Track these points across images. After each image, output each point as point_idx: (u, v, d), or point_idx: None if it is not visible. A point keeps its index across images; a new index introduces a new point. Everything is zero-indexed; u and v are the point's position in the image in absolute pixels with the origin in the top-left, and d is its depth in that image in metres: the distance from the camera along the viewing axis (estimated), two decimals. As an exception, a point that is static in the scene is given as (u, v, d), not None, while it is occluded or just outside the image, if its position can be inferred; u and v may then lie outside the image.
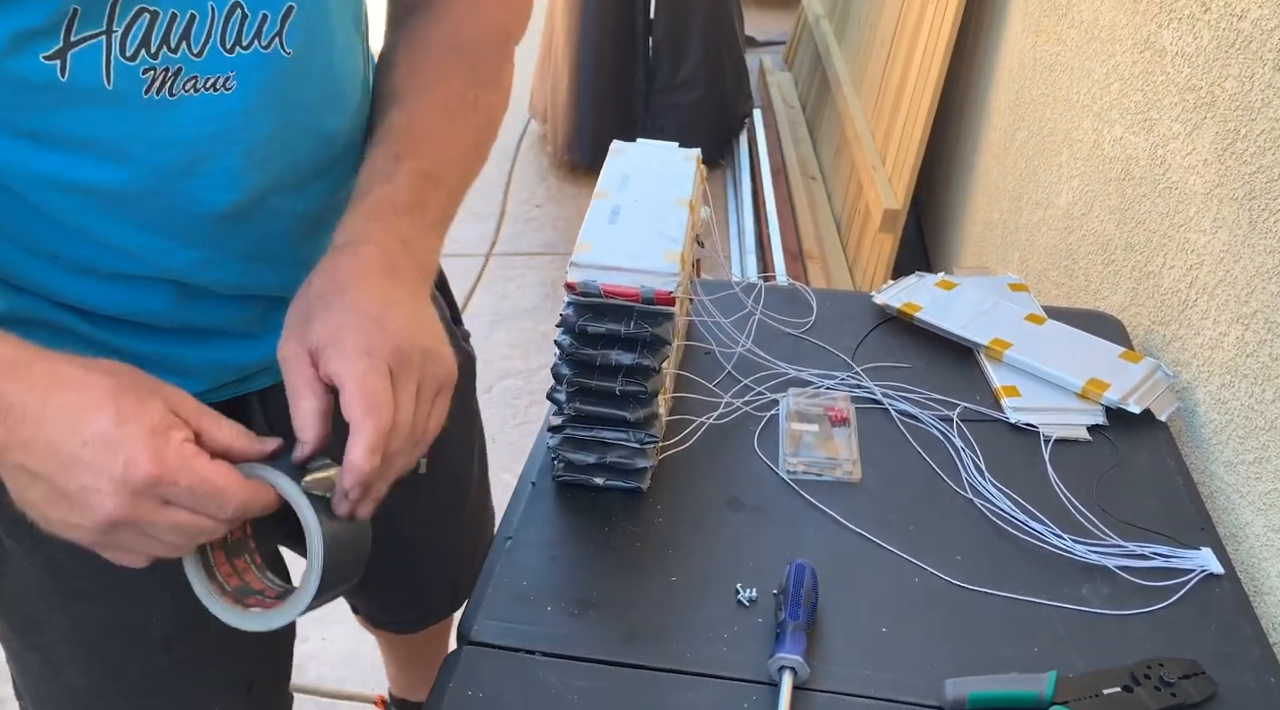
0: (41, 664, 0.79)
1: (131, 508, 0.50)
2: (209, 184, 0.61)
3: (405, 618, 1.06)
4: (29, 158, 0.56)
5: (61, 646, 0.77)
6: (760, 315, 1.03)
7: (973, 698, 0.66)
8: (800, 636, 0.69)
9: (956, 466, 0.87)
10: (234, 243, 0.65)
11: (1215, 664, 0.69)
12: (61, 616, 0.76)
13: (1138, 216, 1.14)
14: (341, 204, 0.69)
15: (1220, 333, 0.92)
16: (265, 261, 0.68)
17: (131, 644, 0.77)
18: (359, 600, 1.07)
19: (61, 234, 0.61)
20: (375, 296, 0.59)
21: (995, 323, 1.02)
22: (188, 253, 0.64)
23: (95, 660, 0.77)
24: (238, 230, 0.65)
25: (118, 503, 0.50)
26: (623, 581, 0.75)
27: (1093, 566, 0.77)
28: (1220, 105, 0.96)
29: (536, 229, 2.87)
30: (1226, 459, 0.89)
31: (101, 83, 0.55)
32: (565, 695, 0.67)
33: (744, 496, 0.83)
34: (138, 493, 0.50)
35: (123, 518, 0.50)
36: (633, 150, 0.92)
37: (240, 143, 0.61)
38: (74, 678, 0.78)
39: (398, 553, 0.96)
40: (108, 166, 0.58)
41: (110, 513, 0.50)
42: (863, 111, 2.50)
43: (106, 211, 0.60)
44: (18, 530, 0.72)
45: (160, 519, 0.51)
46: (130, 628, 0.77)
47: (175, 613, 0.76)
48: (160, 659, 0.78)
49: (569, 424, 0.81)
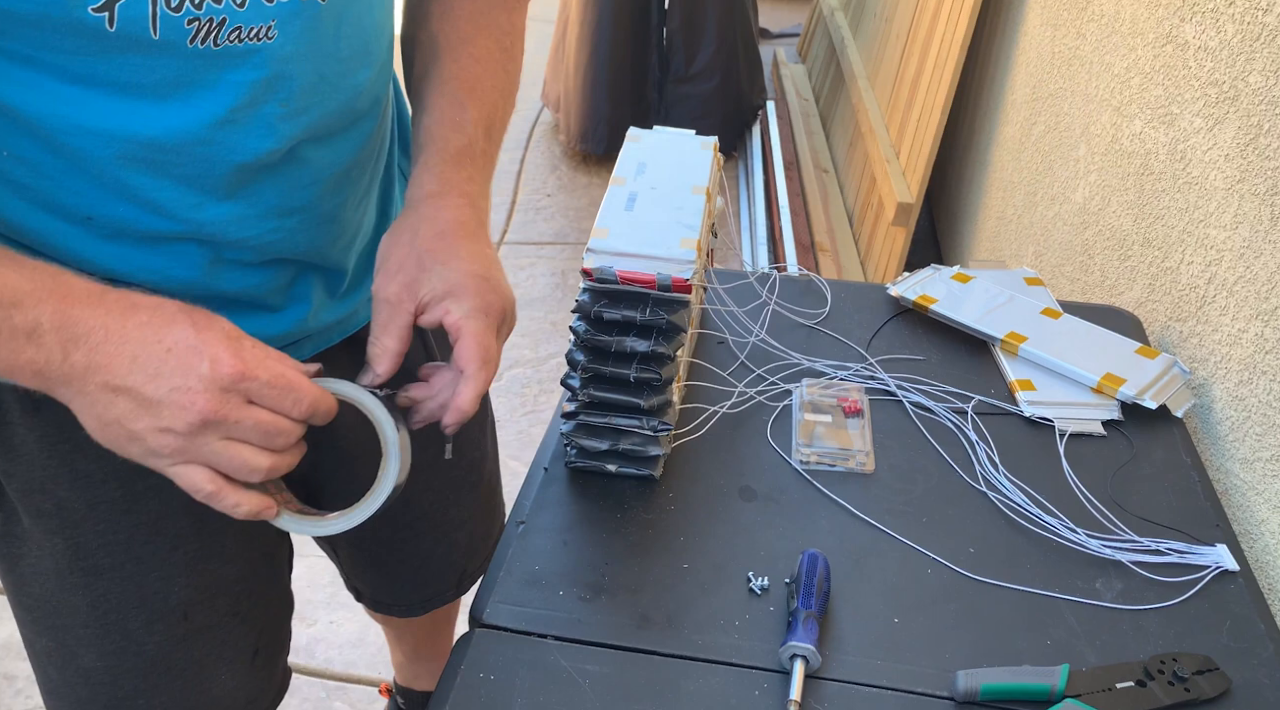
0: (58, 648, 0.79)
1: (220, 404, 0.54)
2: (248, 133, 0.62)
3: (410, 600, 1.06)
4: (77, 106, 0.57)
5: (77, 630, 0.78)
6: (774, 305, 1.03)
7: (984, 689, 0.66)
8: (812, 625, 0.69)
9: (970, 459, 0.86)
10: (265, 196, 0.66)
11: (1229, 660, 0.69)
12: (80, 597, 0.76)
13: (1156, 212, 1.13)
14: (365, 160, 0.72)
15: (1239, 329, 0.91)
16: (294, 217, 0.69)
17: (152, 617, 0.78)
18: (365, 584, 1.07)
19: (98, 192, 0.61)
20: (482, 255, 0.66)
21: (1011, 316, 1.01)
22: (221, 207, 0.65)
23: (112, 638, 0.78)
24: (269, 183, 0.66)
25: (208, 399, 0.53)
26: (635, 568, 0.75)
27: (1106, 561, 0.77)
28: (1243, 100, 0.95)
29: (547, 218, 2.87)
30: (1243, 456, 0.89)
31: (148, 33, 0.56)
32: (576, 679, 0.67)
33: (756, 486, 0.83)
34: (225, 389, 0.54)
35: (213, 414, 0.54)
36: (649, 137, 0.92)
37: (280, 92, 0.62)
38: (89, 661, 0.79)
39: (408, 528, 0.97)
40: (153, 115, 0.59)
41: (202, 409, 0.53)
42: (877, 104, 2.48)
43: (146, 163, 0.61)
44: (42, 506, 0.73)
45: (245, 417, 0.55)
46: (151, 600, 0.78)
47: (192, 580, 0.79)
48: (179, 628, 0.80)
49: (582, 410, 0.81)
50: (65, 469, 0.72)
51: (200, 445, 0.55)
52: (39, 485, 0.73)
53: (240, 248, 0.68)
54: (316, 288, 0.76)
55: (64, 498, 0.73)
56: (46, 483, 0.73)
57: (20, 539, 0.75)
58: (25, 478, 0.73)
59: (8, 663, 1.59)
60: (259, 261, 0.70)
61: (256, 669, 0.89)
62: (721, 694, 0.67)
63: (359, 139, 0.72)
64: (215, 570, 0.81)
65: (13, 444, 0.72)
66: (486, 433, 1.03)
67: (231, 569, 0.82)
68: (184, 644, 0.81)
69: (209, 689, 0.85)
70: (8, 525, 0.76)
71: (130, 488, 0.74)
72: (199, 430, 0.54)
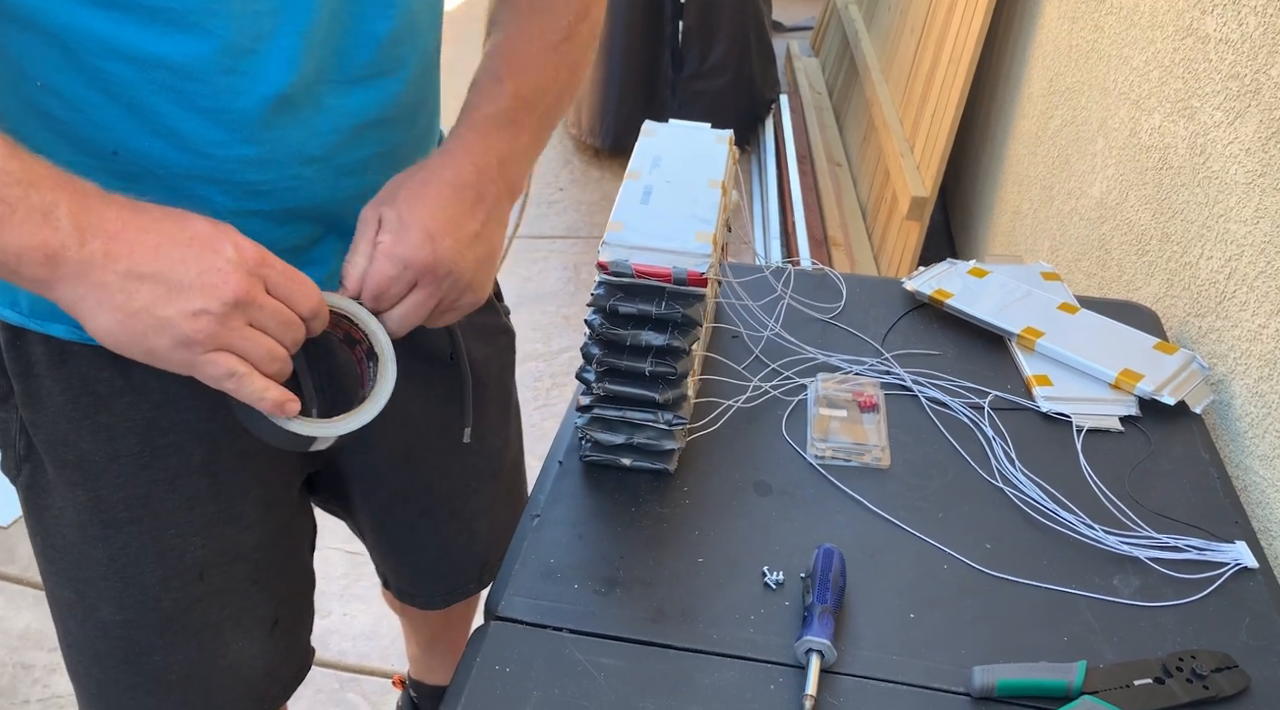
0: (78, 600, 0.80)
1: (249, 285, 0.56)
2: (269, 62, 0.64)
3: (434, 591, 1.07)
4: (108, 28, 0.59)
5: (97, 582, 0.79)
6: (789, 299, 1.03)
7: (1001, 685, 0.66)
8: (828, 620, 0.68)
9: (987, 455, 0.86)
10: (285, 139, 0.67)
11: (1248, 658, 0.69)
12: (100, 549, 0.77)
13: (1175, 206, 1.12)
14: (391, 121, 0.74)
15: (1259, 325, 0.91)
16: (313, 166, 0.70)
17: (168, 574, 0.79)
18: (389, 568, 1.08)
19: (127, 123, 0.63)
20: (446, 213, 0.67)
21: (1027, 311, 1.01)
22: (244, 147, 0.66)
23: (130, 592, 0.79)
24: (290, 125, 0.67)
25: (239, 279, 0.56)
26: (649, 561, 0.75)
27: (1124, 557, 0.76)
28: (1265, 93, 0.94)
29: (560, 213, 2.87)
30: (1263, 453, 0.88)
31: None
32: (591, 672, 0.67)
33: (771, 480, 0.83)
34: (251, 272, 0.56)
35: (244, 294, 0.56)
36: (665, 131, 0.91)
37: (299, 22, 0.64)
38: (107, 614, 0.80)
39: (428, 515, 0.97)
40: (181, 38, 0.60)
41: (235, 288, 0.55)
42: (891, 98, 2.47)
43: (173, 90, 0.62)
44: (65, 457, 0.75)
45: (268, 302, 0.58)
46: (167, 557, 0.79)
47: (209, 542, 0.80)
48: (194, 588, 0.81)
49: (597, 404, 0.81)
50: (88, 421, 0.74)
51: (231, 330, 0.56)
52: (63, 437, 0.74)
53: (260, 195, 0.68)
54: (337, 253, 0.76)
55: (86, 450, 0.74)
56: (70, 435, 0.74)
57: (46, 490, 0.77)
58: (50, 429, 0.74)
59: (24, 652, 1.61)
60: (279, 213, 0.70)
61: (275, 639, 0.90)
62: (736, 688, 0.67)
63: (378, 95, 0.72)
64: (233, 534, 0.82)
65: (39, 396, 0.73)
66: (510, 421, 1.03)
67: (250, 535, 0.83)
68: (200, 604, 0.82)
69: (226, 653, 0.86)
70: (35, 476, 0.77)
71: (150, 443, 0.75)
72: (231, 311, 0.56)
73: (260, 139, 0.66)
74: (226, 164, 0.66)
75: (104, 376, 0.73)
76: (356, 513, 0.98)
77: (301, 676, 0.97)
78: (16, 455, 0.77)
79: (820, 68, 3.41)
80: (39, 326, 0.71)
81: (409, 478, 0.93)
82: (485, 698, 0.65)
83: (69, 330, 0.71)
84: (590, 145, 3.09)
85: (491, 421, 0.98)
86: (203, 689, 0.86)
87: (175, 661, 0.83)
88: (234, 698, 0.89)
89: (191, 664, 0.84)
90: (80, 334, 0.71)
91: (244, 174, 0.67)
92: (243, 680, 0.89)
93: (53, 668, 1.58)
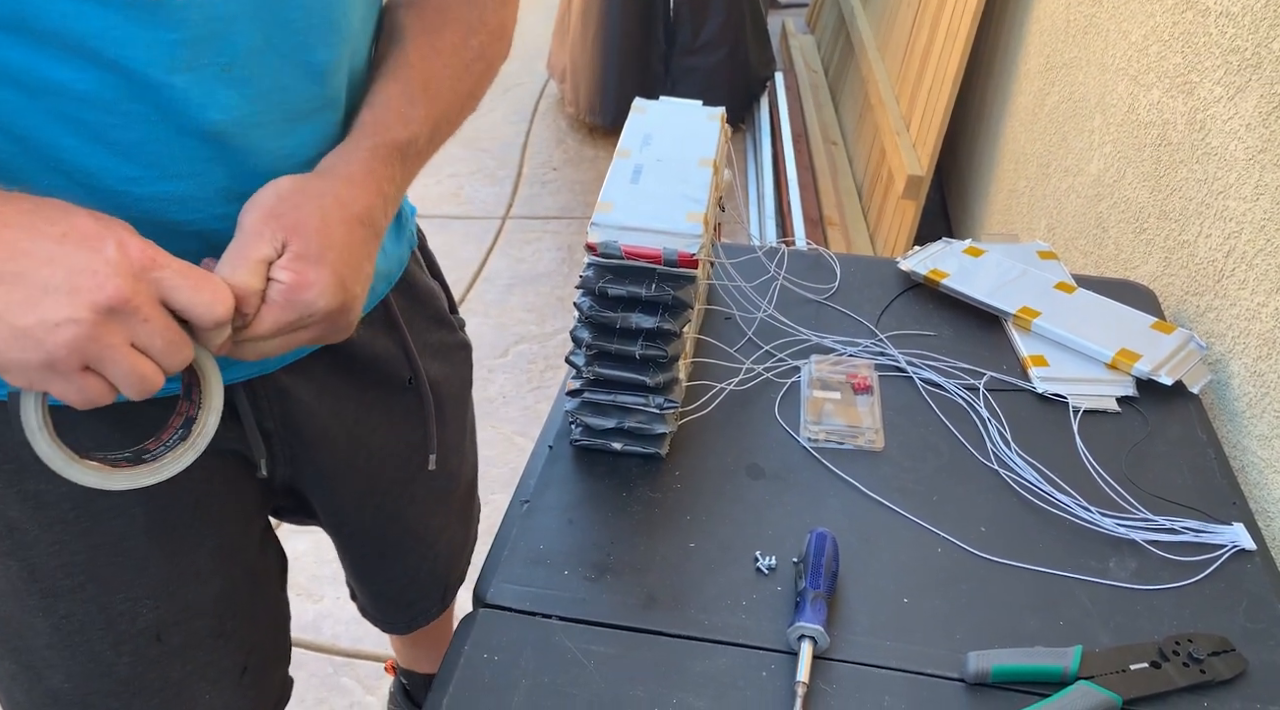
0: (22, 671, 0.74)
1: (132, 289, 0.47)
2: (187, 97, 0.56)
3: (398, 618, 1.05)
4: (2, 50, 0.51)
5: (42, 651, 0.73)
6: (783, 280, 1.02)
7: (996, 671, 0.65)
8: (820, 605, 0.68)
9: (982, 436, 0.85)
10: (213, 177, 0.60)
11: (1245, 641, 0.68)
12: (42, 619, 0.71)
13: (1173, 184, 1.10)
14: None
15: (1259, 303, 0.89)
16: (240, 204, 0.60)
17: (119, 639, 0.73)
18: (358, 591, 1.06)
19: (26, 158, 0.55)
20: (354, 254, 0.58)
21: (1024, 291, 0.99)
22: (164, 183, 0.58)
23: (78, 661, 0.73)
24: (218, 163, 0.59)
25: (119, 282, 0.46)
26: (640, 547, 0.74)
27: (1120, 540, 0.76)
28: (1266, 67, 0.93)
29: (553, 192, 2.84)
30: (1261, 433, 0.87)
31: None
32: (581, 659, 0.66)
33: (764, 464, 0.82)
34: (136, 275, 0.47)
35: (123, 301, 0.47)
36: (655, 108, 0.90)
37: (220, 54, 0.56)
38: (57, 682, 0.74)
39: (394, 546, 0.95)
40: (82, 64, 0.52)
41: (113, 293, 0.46)
42: (887, 75, 2.45)
43: (77, 122, 0.54)
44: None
45: (156, 315, 0.48)
46: (117, 622, 0.73)
47: (162, 603, 0.74)
48: (151, 649, 0.75)
49: (588, 388, 0.79)
50: (12, 489, 0.67)
51: (103, 343, 0.47)
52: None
53: (185, 236, 0.60)
54: None
55: (14, 519, 0.68)
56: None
57: None
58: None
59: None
60: (208, 254, 0.59)
61: (245, 687, 0.84)
62: (728, 675, 0.66)
63: (321, 131, 0.64)
64: (189, 592, 0.75)
65: None
66: (466, 437, 0.99)
67: (208, 589, 0.77)
68: (159, 665, 0.76)
69: (193, 708, 0.80)
70: None
71: (86, 508, 0.69)
72: (104, 320, 0.46)
73: (185, 176, 0.58)
74: (143, 202, 0.58)
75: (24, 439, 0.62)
76: (325, 526, 0.93)
77: (281, 709, 0.93)
78: None
79: (816, 45, 3.37)
80: None
81: (374, 511, 0.89)
82: (474, 686, 0.65)
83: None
84: (585, 123, 3.06)
85: (450, 441, 0.94)
86: None
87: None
88: None
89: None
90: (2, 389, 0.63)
91: (169, 212, 0.59)
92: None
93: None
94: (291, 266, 0.55)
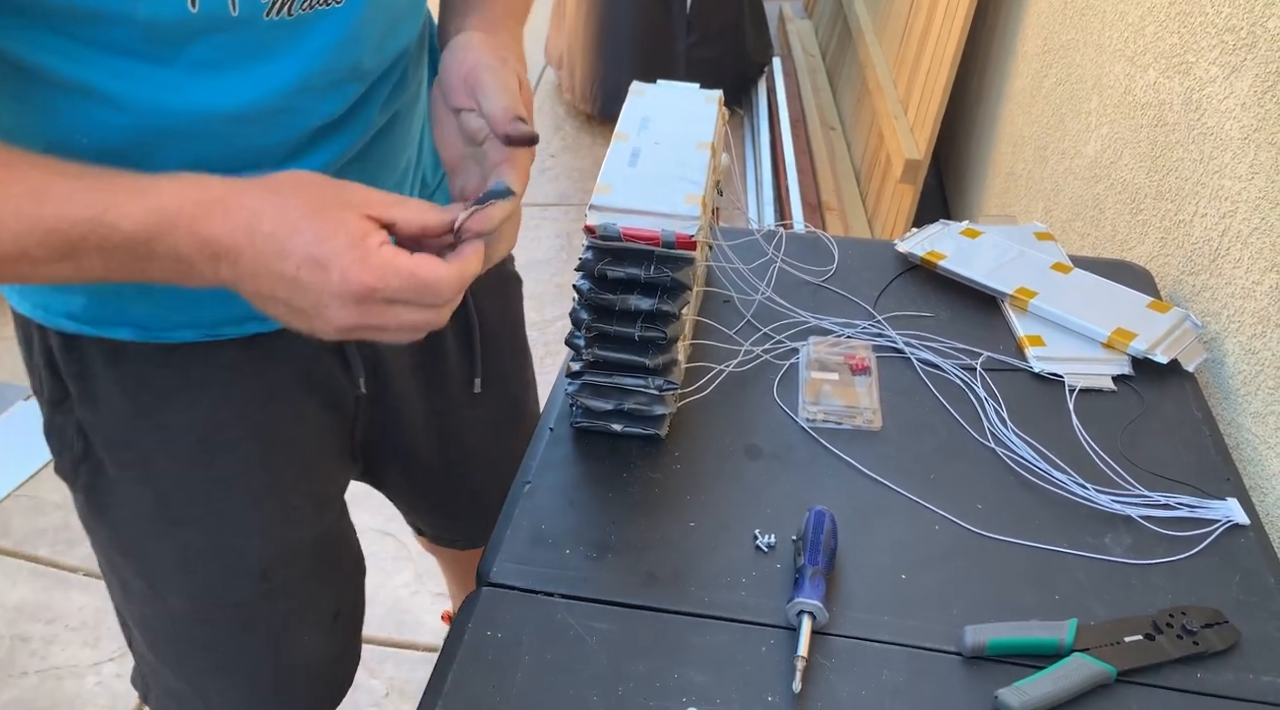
0: (146, 590, 0.82)
1: (360, 315, 0.54)
2: (321, 97, 0.63)
3: (467, 533, 1.09)
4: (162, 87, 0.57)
5: (165, 573, 0.80)
6: (781, 263, 1.02)
7: (992, 644, 0.66)
8: (819, 582, 0.68)
9: (979, 416, 0.86)
10: (322, 153, 0.67)
11: (1239, 613, 0.69)
12: (166, 543, 0.79)
13: (1169, 164, 1.11)
14: (413, 103, 0.74)
15: (1253, 281, 0.90)
16: (349, 171, 0.69)
17: (229, 572, 0.81)
18: (425, 521, 1.10)
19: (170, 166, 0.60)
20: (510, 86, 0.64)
21: (1020, 271, 1.00)
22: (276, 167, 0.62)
23: (196, 587, 0.81)
24: (327, 143, 0.66)
25: (346, 313, 0.54)
26: (641, 526, 0.75)
27: (1116, 516, 0.76)
28: (1261, 46, 0.93)
29: (552, 180, 2.84)
30: (1255, 410, 0.88)
31: (227, 11, 0.56)
32: (584, 637, 0.67)
33: (763, 444, 0.83)
34: (360, 301, 0.53)
35: (355, 324, 0.54)
36: (653, 92, 0.90)
37: (351, 54, 0.63)
38: (176, 604, 0.82)
39: (461, 464, 0.99)
40: (231, 89, 0.59)
41: (343, 321, 0.54)
42: (885, 59, 2.44)
43: (222, 137, 0.61)
44: (125, 457, 0.76)
45: (390, 320, 0.55)
46: (229, 556, 0.80)
47: (270, 546, 0.81)
48: (258, 586, 0.82)
49: (587, 370, 0.80)
50: (146, 420, 0.74)
51: (360, 336, 0.56)
52: (122, 437, 0.75)
53: None
54: None
55: (146, 449, 0.75)
56: (129, 434, 0.74)
57: (107, 489, 0.77)
58: (110, 429, 0.74)
59: (21, 625, 1.61)
60: None
61: (337, 633, 0.91)
62: (728, 651, 0.67)
63: (410, 86, 0.73)
64: (292, 533, 0.83)
65: (97, 396, 0.73)
66: (527, 371, 1.04)
67: (307, 532, 0.84)
68: (265, 602, 0.83)
69: (292, 647, 0.87)
70: (94, 476, 0.77)
71: (208, 442, 0.76)
72: (348, 333, 0.55)
73: (295, 160, 0.66)
74: None
75: (162, 374, 0.73)
76: (390, 480, 0.99)
77: (358, 663, 0.98)
78: (74, 457, 0.77)
79: (813, 30, 3.37)
80: (97, 332, 0.71)
81: (438, 435, 0.94)
82: (477, 664, 0.65)
83: (133, 332, 0.71)
84: (582, 110, 3.05)
85: (510, 369, 0.99)
86: (271, 681, 0.88)
87: (244, 653, 0.85)
88: (303, 691, 0.92)
89: (259, 657, 0.86)
90: (142, 334, 0.71)
91: None
92: (310, 673, 0.91)
93: (50, 639, 1.59)
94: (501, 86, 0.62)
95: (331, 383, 0.81)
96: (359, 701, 1.40)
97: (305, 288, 0.53)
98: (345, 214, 0.54)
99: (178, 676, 0.87)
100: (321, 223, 0.53)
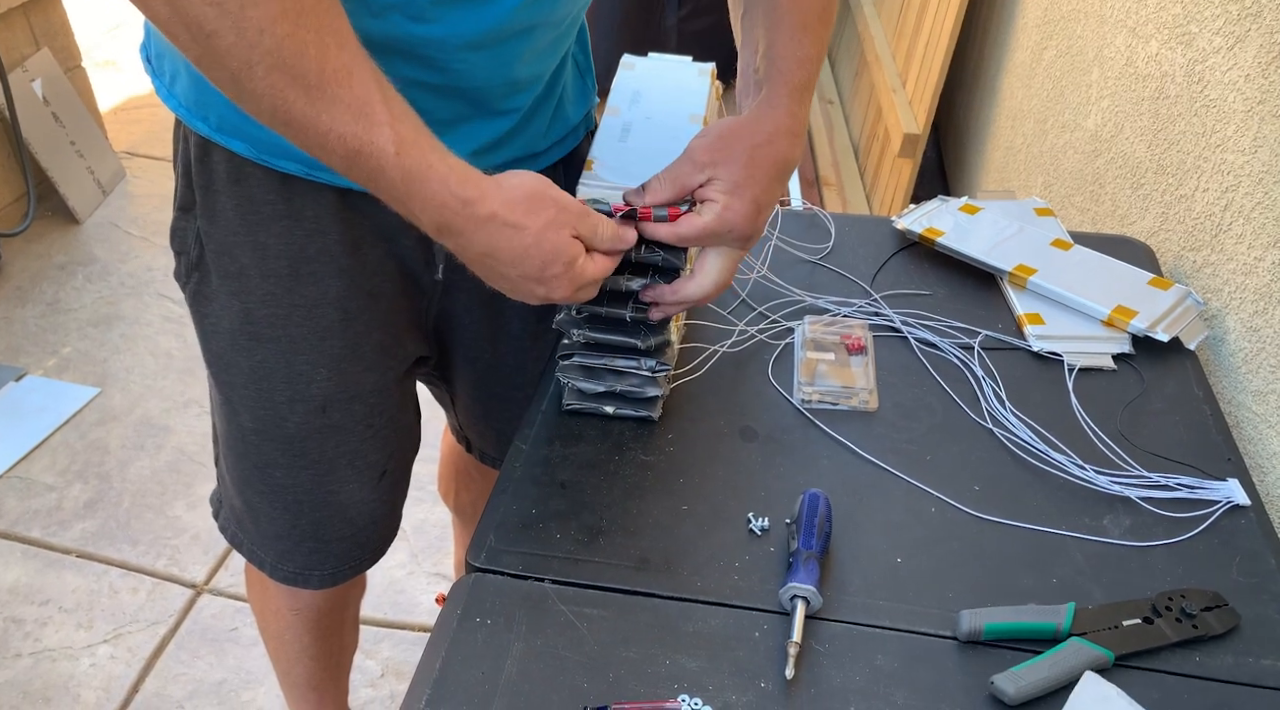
0: (225, 403, 0.90)
1: (568, 284, 0.68)
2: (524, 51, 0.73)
3: None
4: None
5: (240, 388, 0.87)
6: (776, 241, 1.00)
7: (989, 629, 0.65)
8: (813, 566, 0.67)
9: (976, 396, 0.84)
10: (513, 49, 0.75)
11: (1239, 596, 0.68)
12: (244, 358, 0.85)
13: (1171, 137, 1.09)
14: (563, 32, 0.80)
15: (1255, 257, 0.88)
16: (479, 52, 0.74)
17: (294, 397, 0.86)
18: (476, 435, 1.12)
19: None
20: (773, 190, 0.72)
21: (1020, 248, 0.98)
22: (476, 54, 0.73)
23: (263, 406, 0.87)
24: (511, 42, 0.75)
25: (540, 301, 0.69)
26: (633, 510, 0.74)
27: (1114, 497, 0.75)
28: (1266, 17, 0.91)
29: (546, 155, 2.81)
30: (1256, 388, 0.87)
31: None
32: (575, 622, 0.66)
33: (757, 426, 0.82)
34: (564, 274, 0.67)
35: (564, 295, 0.69)
36: (645, 65, 0.88)
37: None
38: (245, 421, 0.89)
39: (521, 391, 1.00)
40: None
41: (536, 304, 0.70)
42: (883, 32, 2.41)
43: None
44: (228, 267, 0.82)
45: (588, 276, 0.69)
46: (296, 381, 0.86)
47: (333, 380, 0.86)
48: (316, 418, 0.87)
49: (579, 352, 0.79)
50: (249, 238, 0.80)
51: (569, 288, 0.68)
52: (228, 249, 0.81)
53: (436, 68, 0.73)
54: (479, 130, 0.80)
55: (245, 264, 0.81)
56: (234, 247, 0.81)
57: (209, 297, 0.85)
58: (220, 240, 0.81)
59: (15, 607, 1.61)
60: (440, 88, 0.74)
61: (382, 491, 0.95)
62: (721, 636, 0.66)
63: None
64: (355, 373, 0.87)
65: (215, 208, 0.80)
66: None
67: (369, 377, 0.88)
68: (319, 435, 0.88)
69: (338, 490, 0.92)
70: (201, 284, 0.85)
71: (297, 269, 0.81)
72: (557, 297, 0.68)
73: (484, 50, 0.73)
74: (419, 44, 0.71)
75: (269, 198, 0.79)
76: (455, 383, 1.03)
77: (390, 541, 1.02)
78: (189, 261, 0.85)
79: (810, 1, 3.32)
80: (223, 141, 0.77)
81: (498, 357, 0.99)
82: (467, 650, 0.64)
83: (247, 147, 0.76)
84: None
85: None
86: (313, 518, 0.93)
87: (293, 483, 0.90)
88: (338, 537, 0.95)
89: (307, 491, 0.91)
90: (257, 152, 0.76)
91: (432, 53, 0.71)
92: (349, 522, 0.95)
93: (44, 621, 1.58)
94: (718, 190, 0.70)
95: (413, 257, 0.86)
96: (354, 682, 1.39)
97: (516, 287, 0.68)
98: (562, 235, 0.66)
99: (239, 494, 0.94)
100: (545, 247, 0.65)
